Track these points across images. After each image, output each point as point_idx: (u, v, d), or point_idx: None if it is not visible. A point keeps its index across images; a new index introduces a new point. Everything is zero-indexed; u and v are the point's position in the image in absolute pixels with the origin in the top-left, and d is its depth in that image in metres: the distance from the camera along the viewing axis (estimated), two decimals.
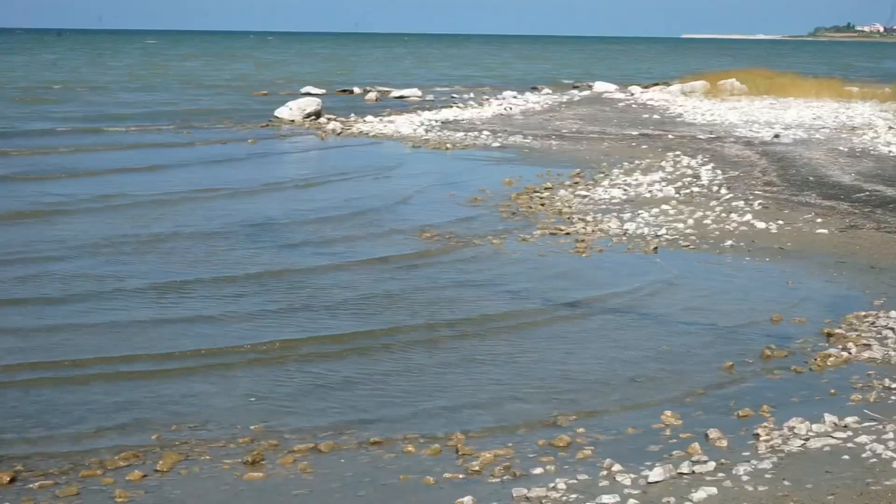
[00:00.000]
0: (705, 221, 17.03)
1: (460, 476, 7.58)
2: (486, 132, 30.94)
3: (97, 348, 10.46)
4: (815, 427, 8.29)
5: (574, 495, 7.15)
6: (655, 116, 36.93)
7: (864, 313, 11.79)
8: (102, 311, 11.80)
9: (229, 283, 13.05)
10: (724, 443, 8.09)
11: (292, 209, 18.64)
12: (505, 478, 7.53)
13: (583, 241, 15.69)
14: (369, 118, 34.93)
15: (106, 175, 22.13)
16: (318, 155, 27.37)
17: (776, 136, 29.41)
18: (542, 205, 18.77)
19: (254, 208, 18.60)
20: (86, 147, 26.84)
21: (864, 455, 7.71)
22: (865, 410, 8.75)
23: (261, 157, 26.18)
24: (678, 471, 7.48)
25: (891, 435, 8.07)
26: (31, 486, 7.37)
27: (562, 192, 20.12)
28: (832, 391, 9.37)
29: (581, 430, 8.45)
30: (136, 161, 24.39)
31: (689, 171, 22.44)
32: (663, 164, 23.76)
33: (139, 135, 30.03)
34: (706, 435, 8.24)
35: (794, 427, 8.29)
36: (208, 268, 13.88)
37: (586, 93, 51.47)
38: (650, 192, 19.90)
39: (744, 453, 7.88)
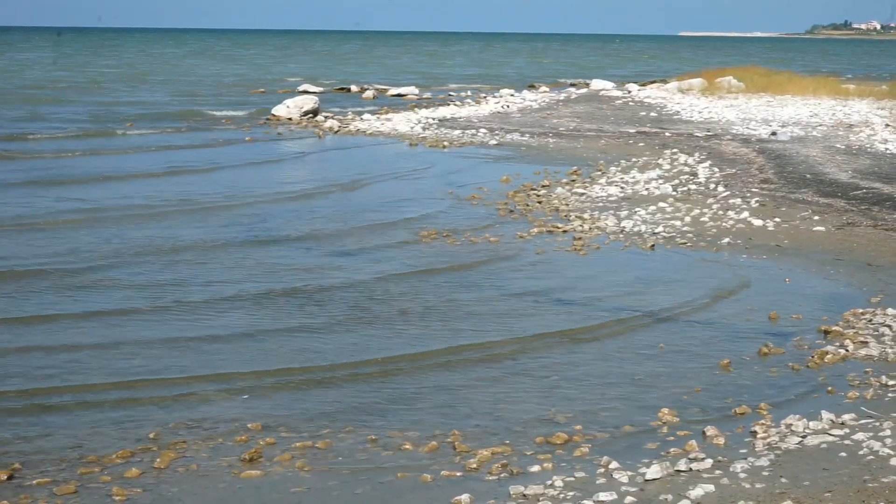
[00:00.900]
0: (702, 219, 17.04)
1: (458, 474, 7.58)
2: (483, 130, 30.93)
3: (97, 347, 10.48)
4: (812, 424, 8.30)
5: (571, 493, 7.15)
6: (652, 114, 36.93)
7: (861, 310, 11.80)
8: (110, 313, 11.84)
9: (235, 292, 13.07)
10: (722, 440, 8.10)
11: (291, 212, 18.65)
12: (502, 475, 7.53)
13: (580, 238, 15.70)
14: (367, 116, 34.92)
15: (126, 180, 21.43)
16: (319, 157, 27.21)
17: (773, 133, 29.42)
18: (540, 202, 18.77)
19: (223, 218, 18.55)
20: (96, 150, 26.13)
21: (861, 452, 7.72)
22: (862, 408, 8.77)
23: (265, 160, 26.15)
24: (675, 468, 7.49)
25: (888, 432, 8.08)
26: (28, 483, 7.37)
27: (559, 189, 20.13)
28: (829, 388, 9.38)
29: (578, 427, 8.45)
30: (153, 165, 23.74)
31: (687, 169, 22.45)
32: (660, 161, 23.76)
33: (143, 137, 29.47)
34: (703, 432, 8.25)
35: (791, 424, 8.30)
36: (242, 274, 13.88)
37: (583, 90, 51.46)
38: (647, 189, 19.91)
39: (741, 451, 7.89)
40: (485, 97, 45.89)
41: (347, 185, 21.30)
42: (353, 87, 50.75)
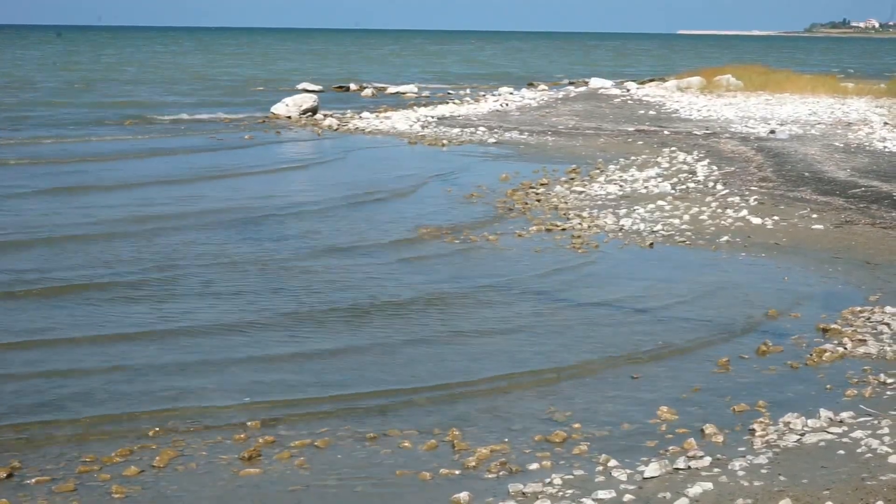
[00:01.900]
0: (701, 217, 17.04)
1: (456, 472, 7.59)
2: (482, 128, 30.94)
3: (95, 344, 10.49)
4: (810, 422, 8.31)
5: (570, 491, 7.16)
6: (651, 112, 36.92)
7: (859, 309, 11.81)
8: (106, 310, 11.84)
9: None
10: (720, 438, 8.11)
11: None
12: (501, 473, 7.54)
13: (579, 237, 15.70)
14: (366, 114, 34.93)
15: (142, 186, 20.60)
16: (317, 157, 27.23)
17: (772, 131, 29.43)
18: (539, 201, 18.77)
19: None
20: (101, 154, 25.41)
21: (859, 450, 7.73)
22: (861, 406, 8.77)
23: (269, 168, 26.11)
24: (674, 466, 7.50)
25: (886, 430, 8.08)
26: (28, 481, 7.37)
27: (558, 188, 20.13)
28: (828, 386, 9.39)
29: (577, 425, 8.46)
30: (158, 169, 23.12)
31: (685, 167, 22.45)
32: (659, 160, 23.77)
33: (142, 139, 29.13)
34: (702, 430, 8.25)
35: (789, 422, 8.31)
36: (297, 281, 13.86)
37: (582, 89, 51.43)
38: (646, 188, 19.91)
39: (739, 448, 7.90)
40: (483, 95, 45.91)
41: (348, 185, 21.29)
42: (353, 86, 50.77)
